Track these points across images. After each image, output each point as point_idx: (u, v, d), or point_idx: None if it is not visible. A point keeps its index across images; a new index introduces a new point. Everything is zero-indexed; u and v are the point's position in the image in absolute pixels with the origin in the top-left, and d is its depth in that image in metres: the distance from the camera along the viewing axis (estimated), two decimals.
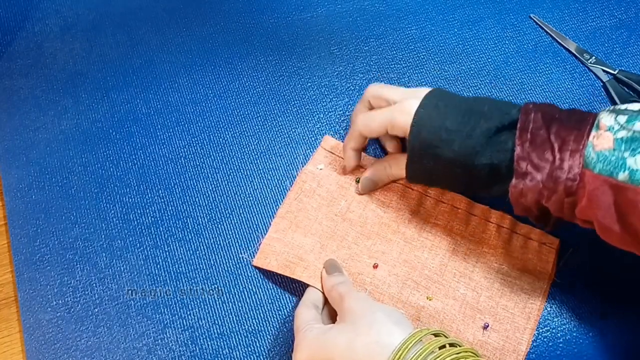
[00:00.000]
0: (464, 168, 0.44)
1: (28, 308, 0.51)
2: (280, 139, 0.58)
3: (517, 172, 0.41)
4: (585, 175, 0.39)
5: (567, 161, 0.40)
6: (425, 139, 0.44)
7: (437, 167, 0.45)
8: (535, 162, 0.41)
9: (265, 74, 0.62)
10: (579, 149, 0.39)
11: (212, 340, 0.49)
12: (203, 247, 0.53)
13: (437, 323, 0.47)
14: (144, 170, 0.57)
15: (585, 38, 0.63)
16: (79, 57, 0.64)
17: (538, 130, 0.41)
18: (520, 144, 0.41)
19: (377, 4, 0.66)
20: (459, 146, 0.43)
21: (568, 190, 0.40)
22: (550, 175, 0.40)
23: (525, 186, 0.41)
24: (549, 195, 0.41)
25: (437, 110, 0.45)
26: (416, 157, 0.46)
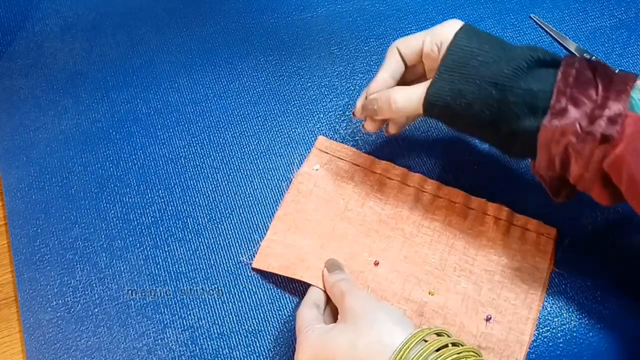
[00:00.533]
0: (499, 90, 0.40)
1: (28, 308, 0.51)
2: (280, 139, 0.58)
3: (554, 108, 0.38)
4: (628, 116, 0.36)
5: (611, 100, 0.37)
6: (460, 57, 0.41)
7: (469, 86, 0.41)
8: (576, 97, 0.38)
9: (265, 74, 0.62)
10: (625, 89, 0.37)
11: (212, 340, 0.49)
12: (203, 247, 0.53)
13: (440, 318, 0.47)
14: (144, 170, 0.57)
15: (585, 38, 0.63)
16: (79, 57, 0.64)
17: (584, 69, 0.39)
18: (564, 78, 0.38)
19: (377, 4, 0.66)
20: (498, 67, 0.40)
21: (604, 133, 0.36)
22: (589, 114, 0.37)
23: (561, 123, 0.38)
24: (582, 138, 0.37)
25: (478, 35, 0.42)
26: (447, 73, 0.41)
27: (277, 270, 0.49)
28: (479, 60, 0.41)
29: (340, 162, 0.55)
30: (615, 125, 0.36)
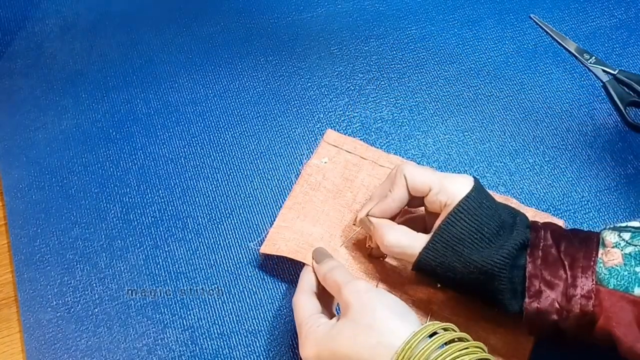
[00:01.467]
0: (487, 276, 0.41)
1: (28, 308, 0.51)
2: (280, 139, 0.58)
3: (530, 290, 0.40)
4: (600, 291, 0.38)
5: (579, 278, 0.39)
6: (458, 232, 0.42)
7: (458, 265, 0.42)
8: (548, 279, 0.40)
9: (265, 74, 0.62)
10: (590, 265, 0.39)
11: (212, 340, 0.49)
12: (203, 247, 0.53)
13: (448, 308, 0.48)
14: (144, 170, 0.57)
15: (585, 38, 0.63)
16: (79, 57, 0.64)
17: (549, 248, 0.41)
18: (532, 261, 0.41)
19: (377, 4, 0.66)
20: (489, 254, 0.41)
21: (583, 309, 0.39)
22: (564, 294, 0.39)
23: (541, 305, 0.40)
24: (565, 316, 0.40)
25: (481, 209, 0.42)
26: (441, 244, 0.42)
27: (286, 254, 0.48)
28: (474, 242, 0.41)
29: (348, 155, 0.55)
30: (590, 300, 0.39)
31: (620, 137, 0.57)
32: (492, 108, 0.59)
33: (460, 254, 0.42)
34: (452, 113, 0.59)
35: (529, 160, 0.56)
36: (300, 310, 0.43)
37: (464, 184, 0.43)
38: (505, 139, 0.57)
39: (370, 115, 0.59)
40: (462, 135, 0.58)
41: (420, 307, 0.48)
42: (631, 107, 0.59)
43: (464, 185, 0.43)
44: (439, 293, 0.48)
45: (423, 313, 0.48)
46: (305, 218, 0.51)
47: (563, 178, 0.55)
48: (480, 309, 0.48)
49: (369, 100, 0.60)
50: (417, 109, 0.59)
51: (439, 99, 0.60)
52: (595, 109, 0.59)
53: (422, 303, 0.48)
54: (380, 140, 0.57)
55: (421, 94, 0.60)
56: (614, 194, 0.54)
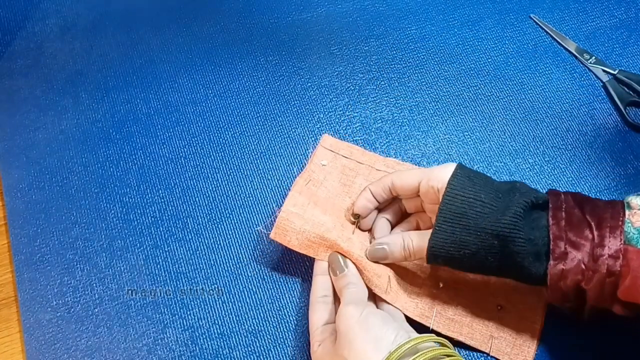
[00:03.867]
0: (502, 240, 0.41)
1: (28, 308, 0.51)
2: (280, 139, 0.58)
3: (555, 252, 0.40)
4: (629, 251, 0.38)
5: (607, 238, 0.39)
6: (458, 208, 0.42)
7: (471, 238, 0.41)
8: (574, 240, 0.39)
9: (265, 74, 0.62)
10: (618, 225, 0.39)
11: (212, 340, 0.49)
12: (203, 247, 0.53)
13: (451, 309, 0.48)
14: (144, 170, 0.57)
15: (585, 38, 0.63)
16: (79, 57, 0.64)
17: (572, 209, 0.40)
18: (556, 222, 0.40)
19: (377, 4, 0.66)
20: (495, 218, 0.41)
21: (610, 269, 0.38)
22: (591, 254, 0.39)
23: (566, 266, 0.39)
24: (590, 275, 0.39)
25: (471, 181, 0.43)
26: (447, 224, 0.42)
27: (297, 248, 0.47)
28: (476, 211, 0.42)
29: (344, 160, 0.55)
30: (617, 260, 0.38)
31: (620, 137, 0.57)
32: (492, 108, 0.59)
33: (468, 226, 0.42)
34: (452, 113, 0.59)
35: (529, 160, 0.56)
36: (311, 321, 0.45)
37: (449, 167, 0.44)
38: (505, 139, 0.57)
39: (370, 115, 0.59)
40: (462, 135, 0.58)
41: (425, 306, 0.48)
42: (631, 107, 0.59)
43: (450, 168, 0.44)
44: (442, 294, 0.48)
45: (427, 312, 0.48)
46: (315, 206, 0.50)
47: (563, 178, 0.55)
48: (484, 309, 0.48)
49: (369, 100, 0.60)
50: (417, 109, 0.59)
51: (439, 99, 0.60)
52: (595, 109, 0.59)
53: (427, 303, 0.48)
54: (380, 140, 0.57)
55: (421, 94, 0.60)
56: (614, 194, 0.54)
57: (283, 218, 0.48)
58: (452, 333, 0.47)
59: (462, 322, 0.47)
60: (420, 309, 0.47)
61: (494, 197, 0.42)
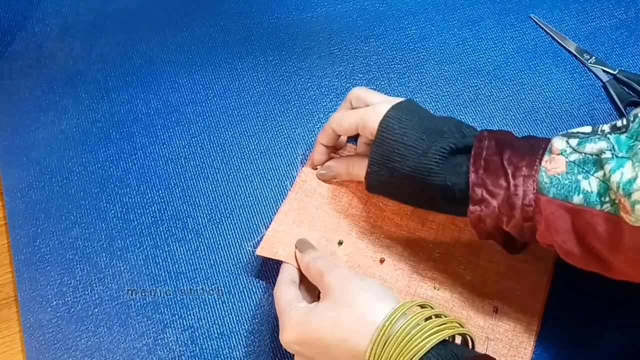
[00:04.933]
0: (419, 184, 0.43)
1: (28, 308, 0.51)
2: (280, 139, 0.58)
3: (473, 198, 0.41)
4: (540, 200, 0.38)
5: (520, 187, 0.39)
6: (385, 150, 0.44)
7: (394, 180, 0.45)
8: (490, 188, 0.40)
9: (265, 74, 0.62)
10: (531, 174, 0.39)
11: (212, 340, 0.49)
12: (203, 247, 0.53)
13: (447, 311, 0.48)
14: (144, 170, 0.57)
15: (585, 38, 0.63)
16: (79, 57, 0.64)
17: (491, 157, 0.41)
18: (475, 170, 0.41)
19: (377, 4, 0.66)
20: (415, 163, 0.43)
21: (525, 216, 0.39)
22: (505, 202, 0.40)
23: (483, 213, 0.41)
24: (507, 220, 0.40)
25: (400, 123, 0.44)
26: (375, 166, 0.45)
27: (284, 258, 0.48)
28: (399, 154, 0.44)
29: None
30: (530, 207, 0.39)
31: None
32: (492, 108, 0.59)
33: (391, 169, 0.44)
34: (452, 113, 0.59)
35: None
36: (280, 300, 0.44)
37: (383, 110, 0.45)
38: None
39: None
40: None
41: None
42: (631, 107, 0.59)
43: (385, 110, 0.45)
44: (437, 296, 0.48)
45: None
46: (302, 224, 0.51)
47: None
48: (479, 310, 0.48)
49: None
50: None
51: (439, 99, 0.60)
52: (595, 109, 0.59)
53: None
54: None
55: (421, 94, 0.60)
56: None
57: (270, 235, 0.49)
58: None
59: None
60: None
61: (418, 138, 0.43)
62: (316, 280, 0.44)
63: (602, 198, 0.36)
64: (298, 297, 0.44)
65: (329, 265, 0.44)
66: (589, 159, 0.38)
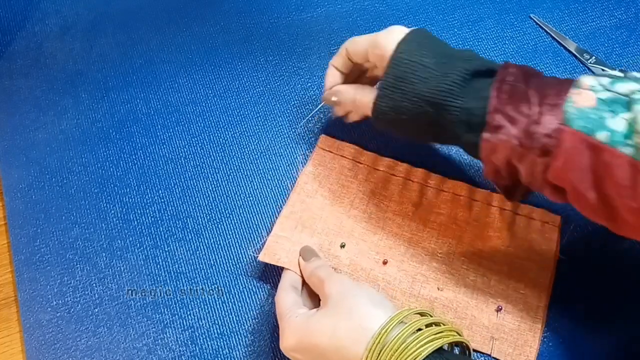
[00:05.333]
0: (436, 108, 0.41)
1: (28, 308, 0.51)
2: (280, 139, 0.58)
3: (490, 124, 0.39)
4: (564, 131, 0.36)
5: (545, 115, 0.37)
6: (401, 72, 0.42)
7: (408, 104, 0.42)
8: (511, 114, 0.38)
9: (265, 74, 0.62)
10: (558, 103, 0.37)
11: (212, 340, 0.49)
12: (203, 247, 0.53)
13: (451, 312, 0.48)
14: (144, 170, 0.57)
15: (585, 38, 0.63)
16: (79, 57, 0.64)
17: (517, 83, 0.39)
18: (497, 94, 0.39)
19: (377, 4, 0.66)
20: (434, 84, 0.41)
21: (543, 148, 0.37)
22: (526, 130, 0.38)
23: (498, 140, 0.39)
24: (522, 153, 0.38)
25: (419, 45, 0.43)
26: (389, 89, 0.43)
27: (286, 265, 0.48)
28: (417, 76, 0.42)
29: (343, 160, 0.55)
30: (552, 139, 0.37)
31: None
32: None
33: (406, 91, 0.42)
34: None
35: None
36: (280, 306, 0.44)
37: (399, 32, 0.44)
38: None
39: None
40: None
41: None
42: None
43: (399, 33, 0.44)
44: (441, 297, 0.48)
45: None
46: (304, 229, 0.51)
47: None
48: (484, 311, 0.48)
49: None
50: None
51: None
52: None
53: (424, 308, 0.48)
54: (382, 137, 0.57)
55: None
56: None
57: (272, 241, 0.49)
58: None
59: (462, 325, 0.47)
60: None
61: (437, 61, 0.42)
62: (317, 288, 0.44)
63: (626, 140, 0.35)
64: (298, 303, 0.44)
65: (329, 272, 0.44)
66: (619, 99, 0.36)
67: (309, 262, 0.46)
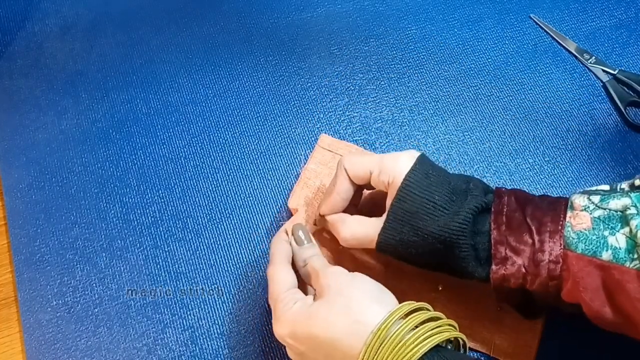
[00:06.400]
0: (447, 245, 0.41)
1: (28, 308, 0.51)
2: (280, 139, 0.58)
3: (496, 257, 0.40)
4: (568, 256, 0.38)
5: (547, 243, 0.38)
6: (410, 207, 0.41)
7: (417, 239, 0.41)
8: (514, 245, 0.39)
9: (265, 74, 0.62)
10: (557, 230, 0.38)
11: (212, 340, 0.49)
12: (203, 247, 0.53)
13: (451, 312, 0.47)
14: (144, 170, 0.57)
15: (585, 38, 0.63)
16: (79, 57, 0.64)
17: (513, 213, 0.40)
18: (497, 227, 0.40)
19: (377, 4, 0.66)
20: (444, 222, 0.40)
21: (551, 274, 0.38)
22: (531, 259, 0.39)
23: (507, 271, 0.39)
24: (532, 279, 0.39)
25: (428, 180, 0.42)
26: (396, 222, 0.42)
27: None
28: (427, 213, 0.41)
29: None
30: (558, 264, 0.38)
31: (620, 137, 0.57)
32: (492, 108, 0.59)
33: (416, 227, 0.41)
34: (452, 113, 0.59)
35: (529, 160, 0.56)
36: (276, 285, 0.42)
37: (406, 160, 0.43)
38: (505, 139, 0.57)
39: (370, 115, 0.59)
40: (462, 135, 0.58)
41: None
42: (631, 107, 0.59)
43: (406, 161, 0.43)
44: (441, 296, 0.48)
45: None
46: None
47: (563, 178, 0.55)
48: (483, 310, 0.48)
49: (369, 100, 0.60)
50: (417, 109, 0.59)
51: (439, 99, 0.60)
52: (595, 109, 0.59)
53: None
54: (380, 140, 0.57)
55: (421, 94, 0.60)
56: None
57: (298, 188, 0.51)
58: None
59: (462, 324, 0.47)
60: None
61: (448, 200, 0.41)
62: (311, 280, 0.43)
63: (630, 255, 0.36)
64: (294, 283, 0.43)
65: (324, 264, 0.43)
66: (614, 215, 0.37)
67: (302, 248, 0.44)
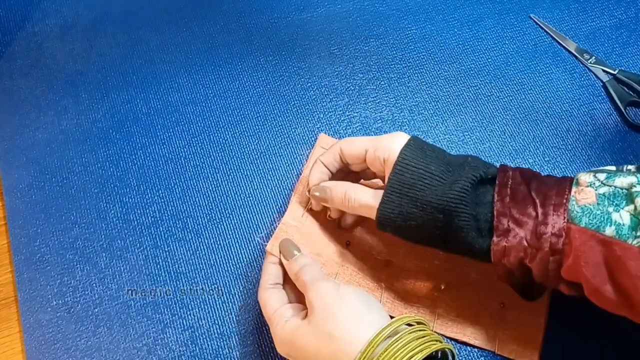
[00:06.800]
0: (447, 215, 0.41)
1: (28, 308, 0.51)
2: (280, 139, 0.58)
3: (498, 229, 0.40)
4: (571, 229, 0.38)
5: (551, 216, 0.38)
6: (407, 178, 0.42)
7: (417, 210, 0.41)
8: (517, 217, 0.39)
9: (265, 74, 0.62)
10: (562, 203, 0.38)
11: (212, 340, 0.49)
12: (203, 247, 0.53)
13: (454, 310, 0.48)
14: (144, 170, 0.57)
15: (585, 38, 0.63)
16: (79, 57, 0.64)
17: (518, 186, 0.40)
18: (500, 199, 0.40)
19: (377, 4, 0.66)
20: (442, 191, 0.40)
21: (553, 247, 0.38)
22: (534, 232, 0.39)
23: (509, 243, 0.39)
24: (533, 253, 0.39)
25: (423, 153, 0.43)
26: (395, 195, 0.42)
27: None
28: (424, 183, 0.41)
29: None
30: (560, 238, 0.38)
31: (620, 137, 0.57)
32: (492, 108, 0.59)
33: (415, 198, 0.41)
34: (452, 113, 0.59)
35: (529, 160, 0.56)
36: (265, 308, 0.44)
37: (401, 138, 0.44)
38: (505, 139, 0.57)
39: (370, 115, 0.59)
40: (462, 135, 0.58)
41: (426, 311, 0.48)
42: (631, 107, 0.59)
43: (401, 139, 0.44)
44: (444, 296, 0.48)
45: (429, 317, 0.48)
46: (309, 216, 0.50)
47: None
48: (486, 308, 0.48)
49: (369, 100, 0.60)
50: (417, 109, 0.59)
51: (439, 99, 0.60)
52: (595, 109, 0.59)
53: (428, 307, 0.48)
54: None
55: (421, 94, 0.60)
56: None
57: (282, 230, 0.48)
58: (455, 334, 0.47)
59: (465, 323, 0.47)
60: (421, 314, 0.47)
61: (445, 170, 0.42)
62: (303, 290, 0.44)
63: (633, 232, 0.36)
64: (283, 301, 0.44)
65: (313, 278, 0.43)
66: (619, 193, 0.37)
67: (292, 261, 0.45)
